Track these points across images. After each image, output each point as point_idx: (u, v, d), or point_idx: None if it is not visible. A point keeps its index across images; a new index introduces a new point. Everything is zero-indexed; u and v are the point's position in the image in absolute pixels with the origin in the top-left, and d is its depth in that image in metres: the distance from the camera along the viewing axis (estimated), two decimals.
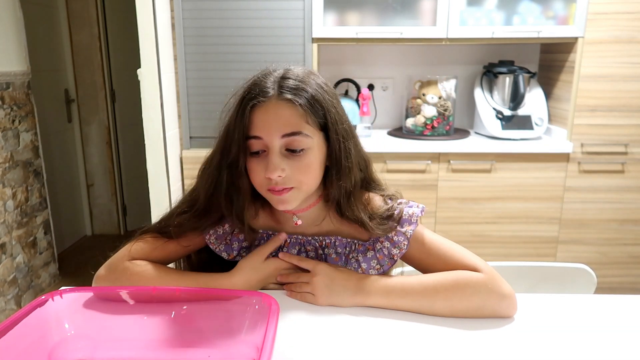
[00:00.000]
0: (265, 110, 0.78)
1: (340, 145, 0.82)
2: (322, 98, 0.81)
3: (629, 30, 2.07)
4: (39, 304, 0.69)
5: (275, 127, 0.78)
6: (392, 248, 0.87)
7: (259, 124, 0.78)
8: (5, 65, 2.21)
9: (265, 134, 0.78)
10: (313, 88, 0.81)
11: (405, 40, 2.18)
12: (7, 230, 2.23)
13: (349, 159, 0.83)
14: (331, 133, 0.82)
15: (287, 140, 0.78)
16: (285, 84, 0.80)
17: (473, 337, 0.75)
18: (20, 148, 2.32)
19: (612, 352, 0.72)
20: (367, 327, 0.78)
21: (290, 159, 0.79)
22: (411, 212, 0.87)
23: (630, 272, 2.31)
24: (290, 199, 0.81)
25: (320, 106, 0.81)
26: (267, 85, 0.80)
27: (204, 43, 2.14)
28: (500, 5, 2.16)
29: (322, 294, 0.83)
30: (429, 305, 0.80)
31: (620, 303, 0.86)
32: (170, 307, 0.74)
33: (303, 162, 0.80)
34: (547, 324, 0.79)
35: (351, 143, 0.84)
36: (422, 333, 0.76)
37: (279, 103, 0.78)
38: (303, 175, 0.80)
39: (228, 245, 0.90)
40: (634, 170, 2.20)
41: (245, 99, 0.80)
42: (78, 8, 3.03)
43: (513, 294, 0.81)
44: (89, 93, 3.16)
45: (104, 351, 0.71)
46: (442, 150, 2.16)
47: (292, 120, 0.78)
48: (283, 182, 0.79)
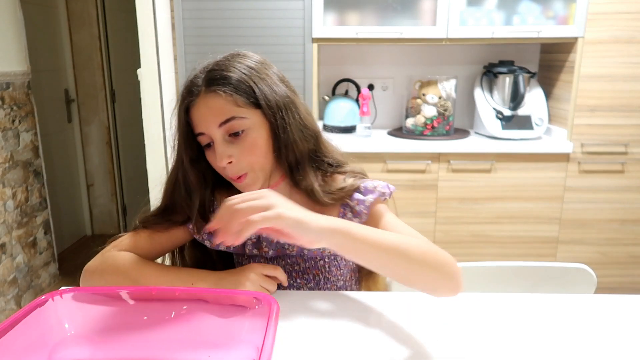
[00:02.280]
0: (197, 107, 0.84)
1: (276, 118, 0.85)
2: (247, 78, 0.84)
3: (629, 30, 2.07)
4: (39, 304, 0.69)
5: (209, 119, 0.83)
6: (354, 218, 0.88)
7: (197, 120, 0.84)
8: (5, 65, 2.21)
9: (204, 128, 0.83)
10: (238, 71, 0.84)
11: (405, 40, 2.18)
12: (7, 230, 2.23)
13: (287, 130, 0.85)
14: (264, 108, 0.84)
15: (225, 127, 0.83)
16: (210, 76, 0.84)
17: (473, 337, 0.75)
18: (20, 148, 2.32)
19: (612, 352, 0.72)
20: (367, 327, 0.78)
21: (235, 143, 0.83)
22: (376, 184, 0.90)
23: (630, 272, 2.31)
24: (250, 182, 0.86)
25: (246, 86, 0.84)
26: (196, 82, 0.85)
27: (204, 43, 2.14)
28: (500, 5, 2.16)
29: (282, 204, 0.70)
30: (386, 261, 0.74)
31: (620, 303, 0.86)
32: (170, 307, 0.74)
33: (247, 142, 0.83)
34: (547, 324, 0.79)
35: (290, 114, 0.86)
36: (422, 333, 0.76)
37: (207, 96, 0.83)
38: (250, 155, 0.84)
39: (211, 233, 0.91)
40: (634, 170, 2.20)
41: (180, 101, 0.86)
42: (78, 8, 3.03)
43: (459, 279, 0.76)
44: (89, 93, 3.16)
45: (104, 351, 0.71)
46: (442, 150, 2.16)
47: (222, 108, 0.82)
48: (236, 170, 0.84)
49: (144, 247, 0.90)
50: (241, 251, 0.93)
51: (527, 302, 0.86)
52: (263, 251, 0.91)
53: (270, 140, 0.86)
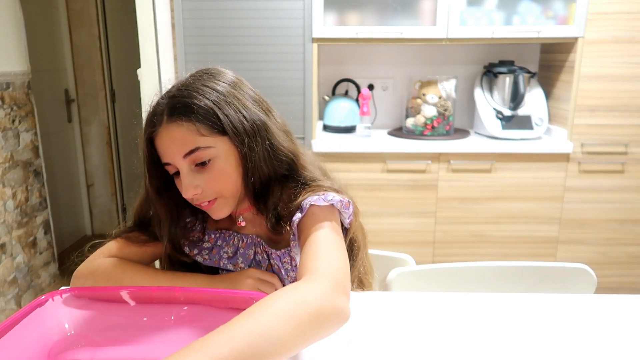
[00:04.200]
0: (160, 137, 0.79)
1: (244, 144, 0.79)
2: (212, 104, 0.78)
3: (629, 30, 2.07)
4: (39, 304, 0.69)
5: (173, 150, 0.78)
6: (292, 241, 0.83)
7: (162, 151, 0.80)
8: (5, 65, 2.21)
9: (169, 159, 0.79)
10: (202, 97, 0.78)
11: (405, 40, 2.18)
12: (7, 230, 2.23)
13: (254, 158, 0.80)
14: (230, 136, 0.79)
15: (190, 158, 0.78)
16: (172, 104, 0.78)
17: (473, 337, 0.75)
18: (20, 148, 2.32)
19: (612, 352, 0.72)
20: (366, 327, 0.78)
21: (202, 172, 0.79)
22: (313, 199, 0.79)
23: (630, 272, 2.31)
24: (218, 208, 0.83)
25: (211, 113, 0.78)
26: (158, 110, 0.79)
27: (204, 43, 2.14)
28: (500, 5, 2.16)
29: None
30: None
31: (620, 303, 0.86)
32: (171, 307, 0.74)
33: (214, 172, 0.79)
34: (547, 324, 0.79)
35: (259, 140, 0.80)
36: (422, 333, 0.76)
37: (169, 127, 0.78)
38: (218, 183, 0.80)
39: (193, 243, 0.91)
40: (634, 170, 2.20)
41: (144, 131, 0.81)
42: (78, 8, 3.03)
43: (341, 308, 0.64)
44: (89, 93, 3.15)
45: (104, 351, 0.71)
46: (442, 150, 2.16)
47: (186, 138, 0.77)
48: (203, 197, 0.81)
49: (131, 252, 0.89)
50: (217, 265, 0.91)
51: (527, 302, 0.86)
52: (238, 267, 0.89)
53: (240, 166, 0.81)
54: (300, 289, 0.63)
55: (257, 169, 0.81)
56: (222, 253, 0.90)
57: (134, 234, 0.91)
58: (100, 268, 0.85)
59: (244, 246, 0.90)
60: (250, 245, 0.90)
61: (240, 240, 0.90)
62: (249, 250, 0.89)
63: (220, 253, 0.90)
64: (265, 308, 0.59)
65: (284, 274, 0.89)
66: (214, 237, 0.92)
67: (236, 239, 0.91)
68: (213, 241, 0.92)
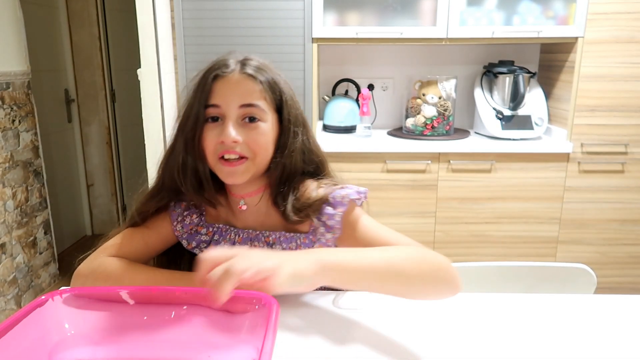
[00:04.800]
0: (227, 80, 0.82)
1: (290, 126, 0.86)
2: (280, 82, 0.86)
3: (629, 30, 2.07)
4: (39, 304, 0.69)
5: (234, 96, 0.82)
6: (327, 233, 0.86)
7: (219, 92, 0.82)
8: (5, 65, 2.21)
9: (223, 102, 0.82)
10: (273, 72, 0.86)
11: (405, 40, 2.18)
12: (7, 230, 2.23)
13: (294, 143, 0.86)
14: (284, 113, 0.86)
15: (244, 110, 0.82)
16: (248, 62, 0.85)
17: (473, 337, 0.75)
18: (20, 148, 2.32)
19: (612, 352, 0.72)
20: (367, 327, 0.78)
21: (245, 128, 0.83)
22: (344, 193, 0.86)
23: (630, 272, 2.31)
24: (240, 171, 0.83)
25: (278, 88, 0.85)
26: (230, 61, 0.84)
27: (204, 43, 2.14)
28: (500, 5, 2.16)
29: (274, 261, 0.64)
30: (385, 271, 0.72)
31: (620, 303, 0.86)
32: (170, 307, 0.74)
33: (257, 131, 0.83)
34: (547, 324, 0.79)
35: (300, 130, 0.88)
36: (422, 333, 0.76)
37: (241, 76, 0.83)
38: (256, 145, 0.83)
39: (191, 235, 0.92)
40: (634, 170, 2.20)
41: (208, 71, 0.84)
42: (78, 8, 3.03)
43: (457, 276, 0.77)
44: (89, 93, 3.16)
45: (104, 351, 0.71)
46: (442, 150, 2.16)
47: (252, 92, 0.82)
48: (238, 150, 0.82)
49: (133, 249, 0.90)
50: None
51: (527, 302, 0.86)
52: None
53: (273, 145, 0.86)
54: (421, 248, 0.78)
55: (290, 156, 0.86)
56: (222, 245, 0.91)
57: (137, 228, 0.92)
58: (100, 267, 0.86)
59: (240, 241, 0.91)
60: (245, 241, 0.91)
61: (237, 235, 0.91)
62: (244, 245, 0.90)
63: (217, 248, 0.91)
64: (398, 250, 0.76)
65: None
66: (211, 231, 0.92)
67: (232, 233, 0.92)
68: (211, 234, 0.92)
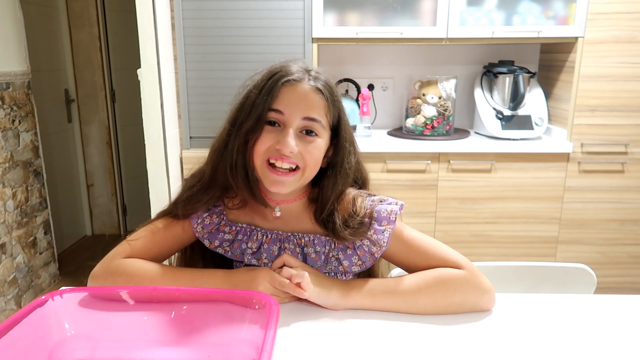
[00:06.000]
0: (295, 89, 0.82)
1: (346, 144, 0.88)
2: (338, 100, 0.88)
3: (629, 30, 2.07)
4: (39, 304, 0.69)
5: (301, 107, 0.82)
6: (372, 246, 0.88)
7: (286, 99, 0.82)
8: (5, 65, 2.21)
9: (288, 110, 0.82)
10: (336, 90, 0.87)
11: (405, 40, 2.18)
12: (7, 230, 2.23)
13: (349, 162, 0.88)
14: (341, 131, 0.87)
15: (305, 122, 0.82)
16: (317, 75, 0.85)
17: (473, 337, 0.75)
18: (20, 148, 2.32)
19: (612, 352, 0.72)
20: (366, 328, 0.78)
21: (302, 140, 0.83)
22: (389, 209, 0.89)
23: (630, 272, 2.31)
24: (288, 182, 0.83)
25: (338, 107, 0.87)
26: (295, 70, 0.84)
27: (204, 43, 2.14)
28: (500, 5, 2.16)
29: (311, 286, 0.80)
30: (412, 302, 0.82)
31: (620, 303, 0.86)
32: (170, 307, 0.74)
33: (312, 145, 0.83)
34: (547, 324, 0.79)
35: (352, 149, 0.90)
36: (422, 335, 0.76)
37: (310, 88, 0.83)
38: (310, 158, 0.83)
39: (212, 234, 0.91)
40: (634, 170, 2.20)
41: (277, 74, 0.83)
42: (78, 8, 3.03)
43: (492, 289, 0.84)
44: (89, 93, 3.16)
45: (104, 351, 0.71)
46: (442, 150, 2.16)
47: (317, 107, 0.83)
48: (295, 157, 0.82)
49: (147, 252, 0.90)
50: (240, 259, 0.92)
51: (527, 302, 0.86)
52: (262, 262, 0.90)
53: (320, 163, 0.87)
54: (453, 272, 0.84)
55: (347, 175, 0.88)
56: (245, 248, 0.90)
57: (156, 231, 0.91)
58: (119, 269, 0.86)
59: (268, 242, 0.90)
60: (274, 241, 0.90)
61: (265, 236, 0.90)
62: (273, 246, 0.90)
63: (242, 247, 0.91)
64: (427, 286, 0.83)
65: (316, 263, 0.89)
66: (235, 230, 0.92)
67: (259, 234, 0.91)
68: (234, 233, 0.91)
